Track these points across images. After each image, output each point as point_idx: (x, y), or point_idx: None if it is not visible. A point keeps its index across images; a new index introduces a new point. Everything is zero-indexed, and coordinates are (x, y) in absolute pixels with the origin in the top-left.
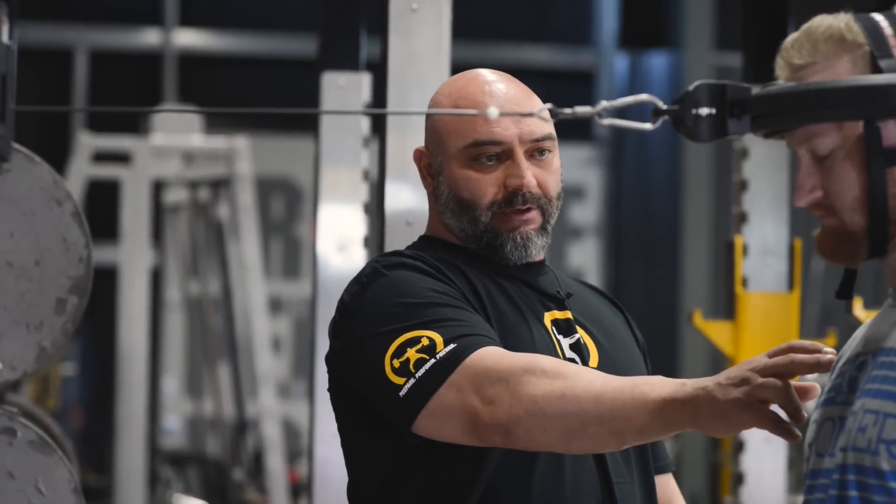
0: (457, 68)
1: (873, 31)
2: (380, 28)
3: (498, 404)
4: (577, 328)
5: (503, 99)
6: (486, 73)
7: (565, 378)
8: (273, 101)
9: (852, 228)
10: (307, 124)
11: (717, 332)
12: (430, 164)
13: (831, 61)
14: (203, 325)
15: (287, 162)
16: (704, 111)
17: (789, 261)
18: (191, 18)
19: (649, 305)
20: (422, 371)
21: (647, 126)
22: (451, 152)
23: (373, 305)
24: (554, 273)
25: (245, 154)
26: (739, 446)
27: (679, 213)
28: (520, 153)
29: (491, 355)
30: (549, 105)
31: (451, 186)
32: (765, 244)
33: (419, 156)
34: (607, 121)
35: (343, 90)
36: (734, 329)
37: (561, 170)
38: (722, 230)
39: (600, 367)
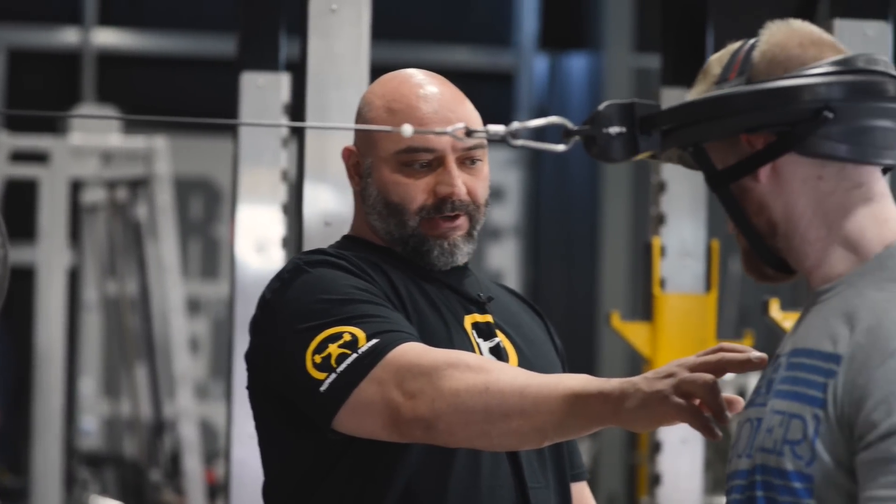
0: (376, 69)
1: (731, 58)
2: (299, 28)
3: (420, 398)
4: (497, 332)
5: (436, 103)
6: (419, 75)
7: (489, 372)
8: (192, 101)
9: (746, 250)
10: (226, 125)
11: (635, 333)
12: (359, 164)
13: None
14: (120, 325)
15: (206, 162)
16: (615, 130)
17: (707, 262)
18: (110, 18)
19: (568, 306)
20: (343, 366)
21: (560, 147)
22: (383, 155)
23: (294, 302)
24: (476, 276)
25: (163, 154)
26: (656, 447)
27: (598, 214)
28: (451, 161)
29: (413, 350)
30: (462, 125)
31: (380, 189)
32: (682, 245)
33: (348, 154)
34: (519, 142)
35: (262, 90)
36: (651, 330)
37: (489, 177)
38: (640, 231)
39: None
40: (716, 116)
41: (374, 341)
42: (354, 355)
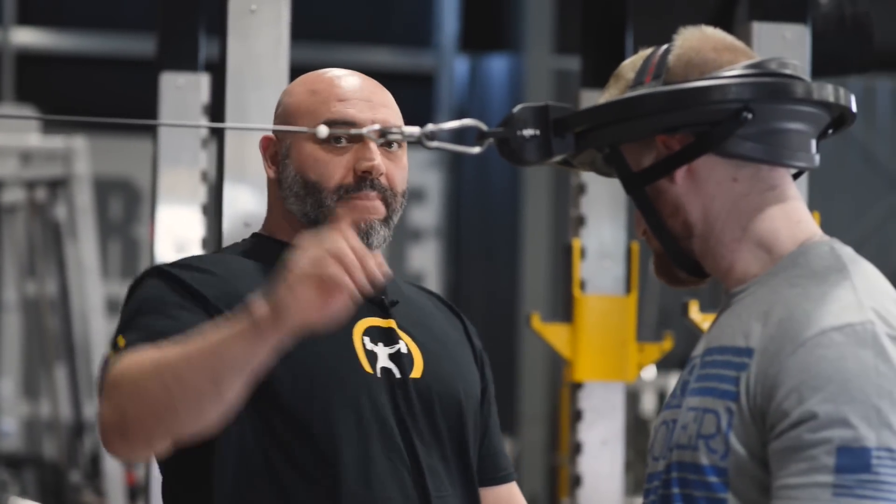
0: (296, 69)
1: (645, 63)
2: (219, 28)
3: (112, 404)
4: (403, 336)
5: (358, 89)
6: (340, 69)
7: (158, 351)
8: (112, 100)
9: (659, 253)
10: (146, 125)
11: (555, 334)
12: (277, 153)
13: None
14: (40, 326)
15: (125, 162)
16: (529, 132)
17: (626, 264)
18: (29, 17)
19: (489, 308)
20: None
21: (474, 150)
22: (303, 134)
23: (123, 313)
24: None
25: (83, 154)
26: (577, 448)
27: (518, 216)
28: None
29: (127, 358)
30: (376, 126)
31: (298, 168)
32: (602, 247)
33: (266, 144)
34: (434, 144)
35: (181, 90)
36: (572, 331)
37: (407, 169)
38: (561, 233)
39: (424, 376)
40: (634, 117)
41: (115, 356)
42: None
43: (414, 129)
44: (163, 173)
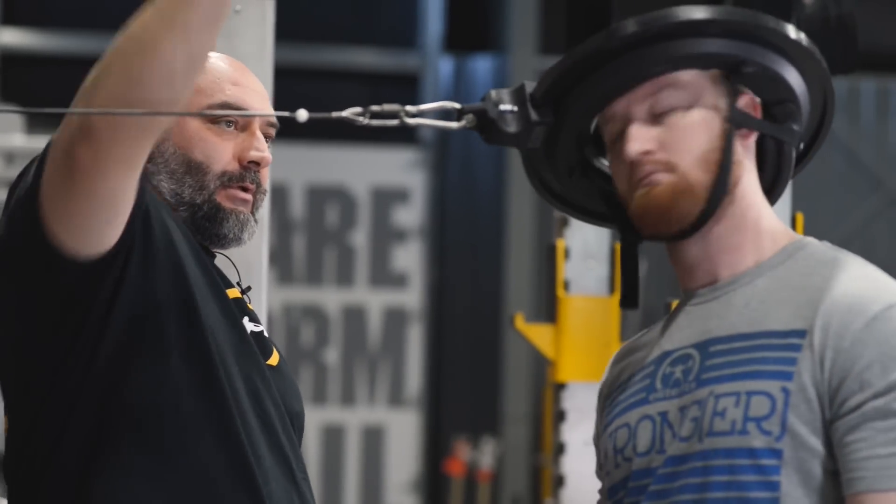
0: (280, 70)
1: None
2: None
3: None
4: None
5: (248, 76)
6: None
7: (120, 34)
8: None
9: (694, 184)
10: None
11: (539, 335)
12: None
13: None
14: None
15: None
16: (507, 107)
17: (610, 264)
18: (14, 17)
19: (473, 308)
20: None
21: (453, 125)
22: (190, 110)
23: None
24: (235, 269)
25: None
26: (560, 449)
27: (503, 216)
28: (258, 128)
29: None
30: (359, 108)
31: (181, 145)
32: (586, 248)
33: None
34: (413, 120)
35: None
36: (555, 332)
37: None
38: (545, 233)
39: (279, 365)
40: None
41: None
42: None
43: (394, 107)
44: None
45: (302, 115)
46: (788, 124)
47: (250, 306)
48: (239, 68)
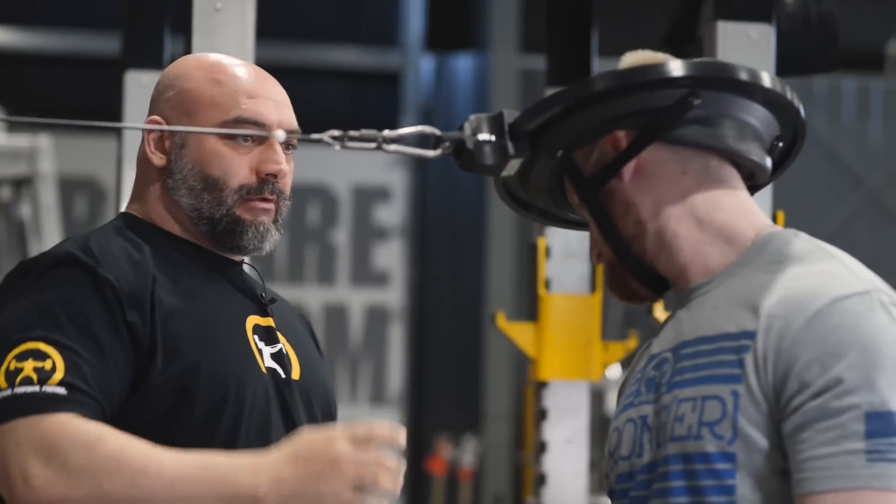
0: (261, 67)
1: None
2: (184, 27)
3: (61, 482)
4: (280, 337)
5: (265, 86)
6: (229, 57)
7: (123, 451)
8: (78, 99)
9: (612, 265)
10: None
11: (520, 333)
12: (165, 139)
13: None
14: None
15: (91, 161)
16: (484, 137)
17: (591, 263)
18: None
19: (454, 306)
20: (22, 390)
21: (430, 153)
22: (206, 125)
23: (22, 301)
24: (258, 275)
25: (48, 153)
26: (542, 447)
27: (484, 214)
28: (275, 140)
29: (79, 430)
30: (337, 131)
31: (197, 161)
32: (567, 246)
33: (154, 125)
34: (392, 147)
35: (146, 89)
36: (537, 330)
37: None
38: (526, 232)
39: (302, 378)
40: (583, 104)
41: (58, 390)
42: (35, 389)
43: (372, 132)
44: (128, 172)
45: (280, 135)
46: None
47: (268, 321)
48: (257, 77)
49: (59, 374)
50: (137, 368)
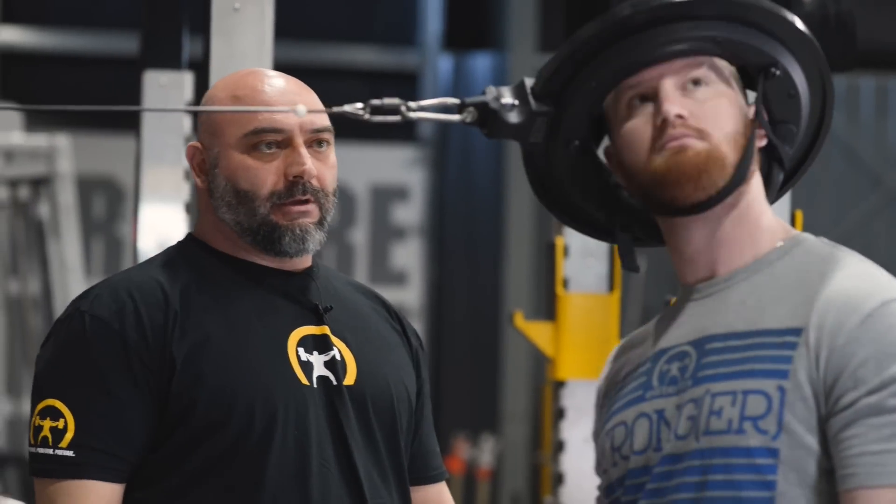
0: (279, 68)
1: None
2: (202, 27)
3: None
4: (336, 342)
5: (282, 92)
6: (263, 70)
7: None
8: (95, 99)
9: (725, 157)
10: (129, 123)
11: (538, 332)
12: (205, 161)
13: None
14: (23, 324)
15: (108, 161)
16: (508, 100)
17: (610, 262)
18: (12, 15)
19: (472, 306)
20: (41, 451)
21: (456, 118)
22: (230, 142)
23: (49, 361)
24: (317, 282)
25: (66, 152)
26: (560, 446)
27: (502, 213)
28: (300, 141)
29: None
30: (360, 104)
31: (228, 177)
32: (585, 246)
33: (192, 152)
34: (414, 114)
35: (165, 89)
36: (555, 330)
37: (336, 167)
38: (544, 231)
39: (358, 382)
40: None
41: (67, 453)
42: (49, 452)
43: (395, 101)
44: (146, 172)
45: (301, 110)
46: (786, 147)
47: (322, 329)
48: (276, 86)
49: (69, 435)
50: (161, 410)
